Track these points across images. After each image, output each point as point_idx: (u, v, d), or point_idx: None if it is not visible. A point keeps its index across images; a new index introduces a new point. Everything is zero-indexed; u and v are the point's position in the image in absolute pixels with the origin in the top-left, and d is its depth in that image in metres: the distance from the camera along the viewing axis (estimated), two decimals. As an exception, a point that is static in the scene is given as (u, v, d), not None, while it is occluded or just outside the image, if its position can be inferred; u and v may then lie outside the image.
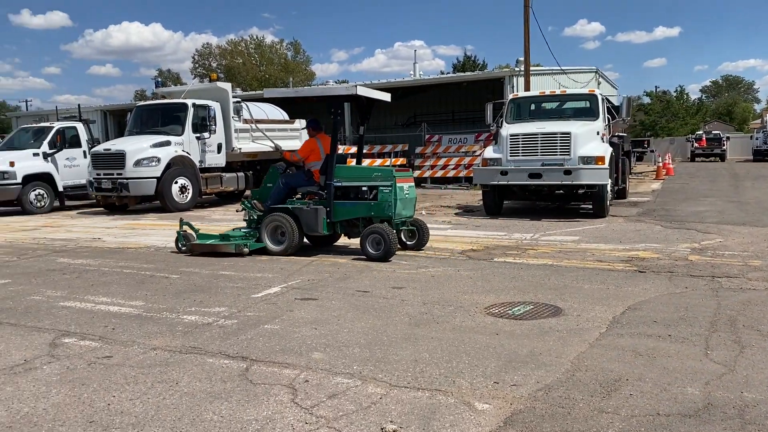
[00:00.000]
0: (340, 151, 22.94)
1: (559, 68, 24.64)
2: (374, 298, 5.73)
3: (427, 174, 21.58)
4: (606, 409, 3.29)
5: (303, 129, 19.23)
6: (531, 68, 20.69)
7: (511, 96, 14.09)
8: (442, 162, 21.45)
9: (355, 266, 7.30)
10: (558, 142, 11.45)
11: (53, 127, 16.70)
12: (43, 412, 3.40)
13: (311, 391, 3.59)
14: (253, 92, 29.80)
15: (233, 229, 9.05)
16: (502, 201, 12.70)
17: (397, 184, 8.04)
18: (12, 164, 15.36)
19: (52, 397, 3.60)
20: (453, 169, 21.12)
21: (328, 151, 8.43)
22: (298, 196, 8.58)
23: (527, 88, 19.80)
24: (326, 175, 8.28)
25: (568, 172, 11.28)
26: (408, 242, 8.54)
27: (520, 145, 11.72)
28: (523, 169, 11.60)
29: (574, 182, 11.38)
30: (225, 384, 3.73)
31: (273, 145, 17.96)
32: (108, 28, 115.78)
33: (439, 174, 21.34)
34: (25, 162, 15.64)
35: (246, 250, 8.21)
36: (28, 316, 5.42)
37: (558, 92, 14.46)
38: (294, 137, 19.05)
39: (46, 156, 16.06)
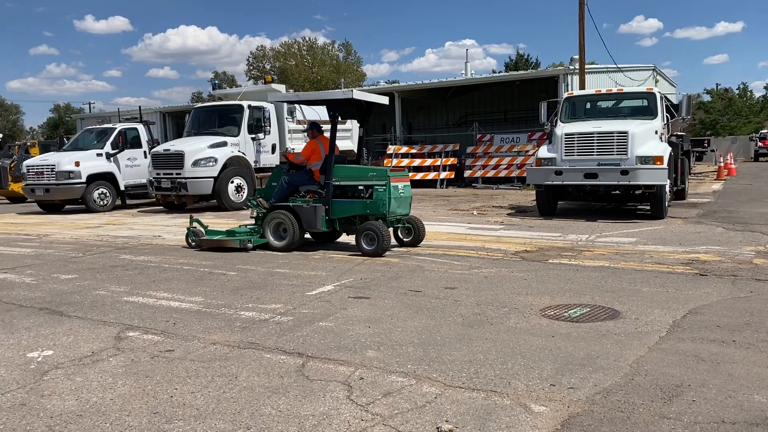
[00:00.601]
0: (391, 151, 23.06)
1: (615, 66, 24.06)
2: (427, 298, 5.73)
3: (478, 174, 21.44)
4: (667, 414, 3.21)
5: (351, 129, 19.43)
6: (586, 66, 20.28)
7: (566, 94, 13.84)
8: (493, 162, 21.26)
9: (407, 266, 7.32)
10: (615, 141, 11.19)
11: (116, 128, 17.33)
12: (110, 403, 3.54)
13: (366, 388, 3.62)
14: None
15: (239, 226, 9.53)
16: (556, 201, 12.50)
17: (392, 184, 8.38)
18: (77, 164, 16.02)
19: (118, 388, 3.75)
20: (505, 168, 20.91)
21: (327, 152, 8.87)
22: (301, 194, 9.01)
23: (582, 86, 19.43)
24: (325, 174, 8.70)
25: (625, 173, 11.01)
26: (405, 239, 8.95)
27: (576, 145, 11.51)
28: (578, 169, 11.39)
29: (631, 183, 11.10)
30: (282, 379, 3.80)
31: (325, 146, 18.26)
32: (166, 32, 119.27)
33: (491, 174, 21.17)
34: (90, 162, 16.29)
35: (250, 245, 8.79)
36: (94, 310, 5.65)
37: (615, 90, 14.14)
38: (345, 137, 19.20)
39: (108, 156, 16.69)
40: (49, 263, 8.24)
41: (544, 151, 12.15)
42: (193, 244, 9.22)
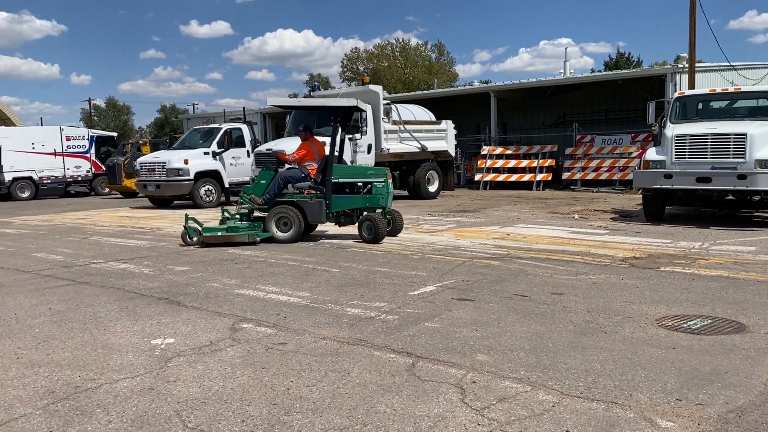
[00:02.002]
0: (485, 152, 22.74)
1: (727, 64, 22.60)
2: (534, 303, 5.59)
3: (577, 176, 20.79)
4: (814, 440, 2.95)
5: (446, 130, 19.33)
6: (696, 65, 19.17)
7: (676, 94, 13.12)
8: (594, 164, 20.54)
9: (509, 269, 7.18)
10: (731, 143, 10.50)
11: (221, 128, 18.12)
12: (231, 392, 3.68)
13: (480, 392, 3.57)
14: (397, 95, 30.39)
15: (227, 220, 9.94)
16: (664, 206, 11.88)
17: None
18: (186, 162, 16.89)
19: (237, 378, 3.89)
20: (606, 171, 20.15)
21: (321, 153, 10.08)
22: (292, 191, 9.81)
23: (691, 86, 18.37)
24: (324, 173, 9.70)
25: (742, 177, 10.30)
26: (386, 228, 9.83)
27: (687, 147, 10.89)
28: (689, 172, 10.76)
29: (749, 188, 10.36)
30: (394, 378, 3.82)
31: (419, 146, 18.28)
32: (264, 35, 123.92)
33: (591, 176, 20.46)
34: (197, 160, 17.13)
35: (258, 239, 9.34)
36: (209, 301, 5.91)
37: (731, 90, 13.25)
38: (440, 138, 19.19)
39: (214, 155, 17.48)
40: (164, 255, 8.71)
41: (652, 154, 11.59)
42: (195, 241, 9.42)
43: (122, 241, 10.34)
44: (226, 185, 17.63)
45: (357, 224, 9.70)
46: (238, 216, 9.97)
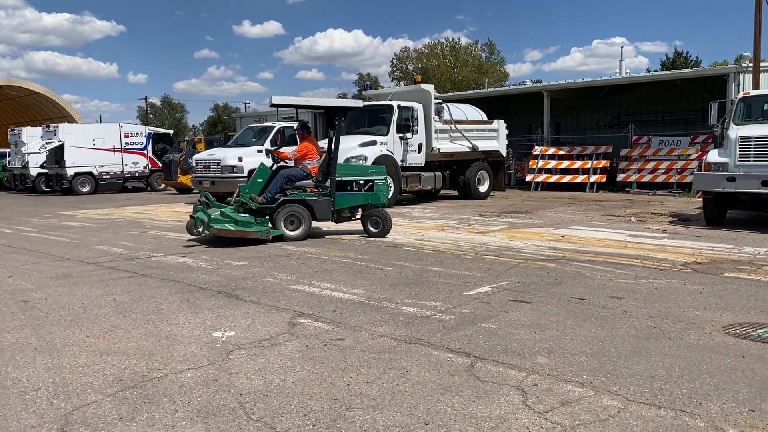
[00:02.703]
0: (537, 152, 22.43)
1: (795, 63, 21.62)
2: (593, 307, 5.48)
3: (632, 178, 20.27)
4: None
5: (497, 130, 19.12)
6: (760, 64, 18.42)
7: (741, 94, 12.66)
8: (650, 165, 19.98)
9: (566, 272, 7.05)
10: (801, 146, 10.06)
11: (274, 126, 18.40)
12: (291, 385, 3.73)
13: (542, 395, 3.52)
14: (447, 94, 30.22)
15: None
16: (726, 210, 11.47)
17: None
18: (240, 159, 17.21)
19: (297, 372, 3.94)
20: (663, 173, 19.57)
21: (319, 151, 10.32)
22: (293, 190, 9.85)
23: (755, 86, 17.67)
24: (328, 171, 9.92)
25: (811, 181, 9.86)
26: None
27: (753, 149, 10.49)
28: (754, 175, 10.36)
29: (819, 192, 9.91)
30: (453, 378, 3.80)
31: (470, 146, 18.14)
32: (315, 35, 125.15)
33: (647, 178, 19.91)
34: (251, 158, 17.41)
35: (269, 236, 9.28)
36: (266, 296, 6.01)
37: (800, 89, 12.70)
38: (491, 138, 19.00)
39: (268, 152, 17.68)
40: (220, 250, 8.89)
41: (714, 156, 11.20)
42: (204, 233, 9.33)
43: (179, 236, 10.60)
44: (278, 182, 17.88)
45: (362, 219, 10.18)
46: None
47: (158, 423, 3.23)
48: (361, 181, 10.27)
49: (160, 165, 25.34)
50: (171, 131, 32.52)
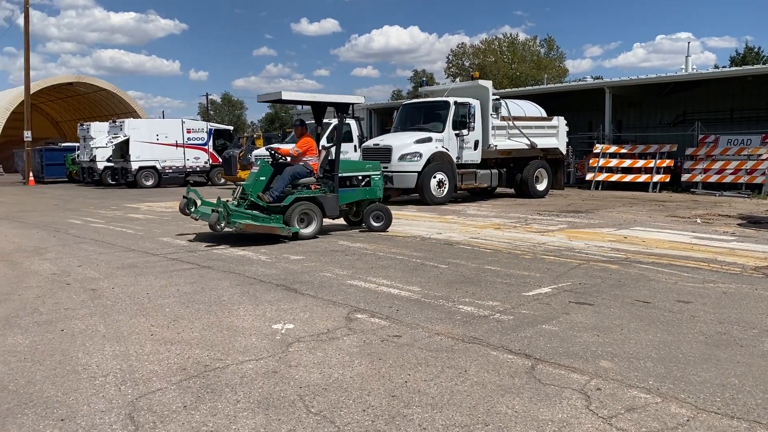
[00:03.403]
0: (598, 150, 21.87)
1: None
2: (658, 311, 5.29)
3: (698, 178, 19.52)
4: None
5: (557, 127, 18.73)
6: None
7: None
8: (717, 165, 19.19)
9: (629, 274, 6.84)
10: None
11: (331, 123, 18.53)
12: (350, 380, 3.74)
13: (606, 400, 3.41)
14: (505, 90, 29.74)
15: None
16: (801, 213, 10.90)
17: None
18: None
19: (355, 367, 3.95)
20: (731, 173, 18.76)
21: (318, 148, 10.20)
22: (300, 187, 9.71)
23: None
24: (331, 167, 9.97)
25: None
26: (353, 219, 10.84)
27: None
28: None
29: None
30: (513, 379, 3.73)
31: (528, 143, 17.84)
32: (371, 32, 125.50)
33: (713, 179, 19.13)
34: (307, 153, 17.62)
35: (291, 233, 9.12)
36: (324, 290, 6.06)
37: None
38: (551, 135, 18.65)
39: (324, 149, 17.89)
40: (279, 244, 9.02)
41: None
42: (230, 229, 8.69)
43: (238, 229, 10.80)
44: (334, 178, 18.03)
45: (363, 215, 10.41)
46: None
47: (220, 413, 3.29)
48: (360, 177, 10.55)
49: (221, 160, 25.95)
50: (231, 127, 33.24)
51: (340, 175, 10.05)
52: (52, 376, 3.84)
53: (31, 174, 29.78)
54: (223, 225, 8.64)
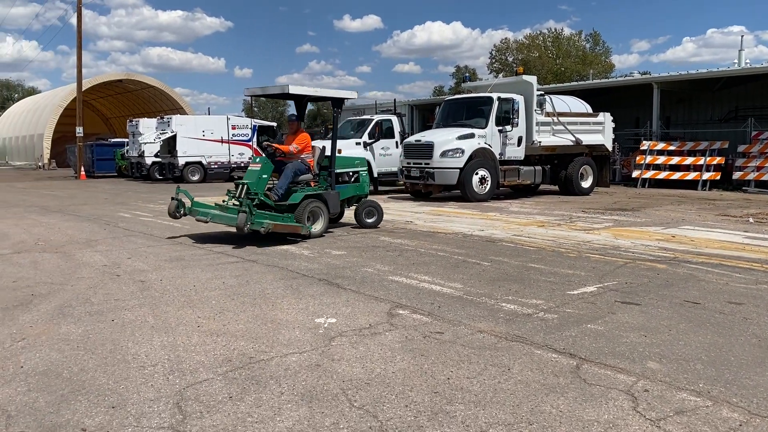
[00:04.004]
0: (645, 147, 21.29)
1: None
2: (708, 312, 5.14)
3: (750, 176, 18.89)
4: None
5: (603, 123, 18.33)
6: None
7: None
8: (771, 163, 18.51)
9: (677, 274, 6.67)
10: None
11: (373, 119, 18.60)
12: (392, 375, 3.75)
13: (654, 402, 3.34)
14: (549, 86, 29.27)
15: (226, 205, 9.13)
16: None
17: None
18: (339, 152, 17.50)
19: (397, 363, 3.96)
20: (786, 172, 18.08)
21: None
22: (301, 185, 9.51)
23: None
24: (330, 164, 9.90)
25: None
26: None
27: None
28: None
29: None
30: (558, 378, 3.68)
31: (573, 139, 17.53)
32: (413, 28, 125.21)
33: (767, 177, 18.46)
34: (350, 150, 17.67)
35: (309, 232, 9.03)
36: (365, 285, 6.08)
37: None
38: (596, 131, 18.28)
39: (365, 145, 17.99)
40: (320, 239, 9.10)
41: None
42: (260, 229, 8.18)
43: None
44: (375, 174, 18.07)
45: (355, 211, 10.35)
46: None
47: (265, 404, 3.34)
48: (351, 173, 10.54)
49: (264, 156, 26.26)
50: (275, 124, 33.64)
51: (337, 171, 10.04)
52: (103, 365, 3.96)
53: (82, 168, 30.71)
54: (249, 225, 8.19)
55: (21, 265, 7.34)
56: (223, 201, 9.29)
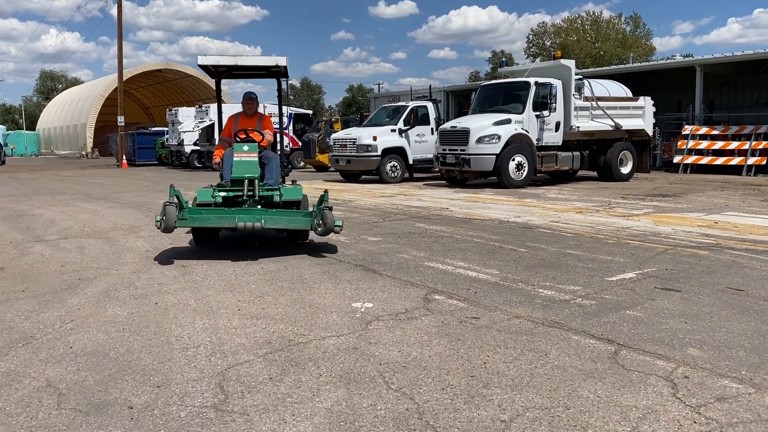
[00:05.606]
0: (687, 131, 20.79)
1: None
2: (752, 299, 5.03)
3: (797, 162, 18.25)
4: None
5: (643, 107, 17.91)
6: None
7: None
8: (820, 148, 17.87)
9: (720, 260, 6.53)
10: None
11: (408, 106, 18.55)
12: (428, 359, 3.78)
13: (694, 389, 3.30)
14: (587, 70, 28.68)
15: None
16: None
17: None
18: (375, 138, 17.57)
19: (433, 347, 3.99)
20: (836, 156, 17.44)
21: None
22: None
23: None
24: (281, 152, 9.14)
25: None
26: None
27: None
28: None
29: None
30: (595, 364, 3.66)
31: (612, 124, 17.21)
32: (449, 13, 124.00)
33: (816, 162, 17.85)
34: (385, 137, 17.74)
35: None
36: (401, 271, 6.12)
37: None
38: (636, 116, 17.93)
39: (401, 132, 17.97)
40: (357, 225, 9.17)
41: None
42: (336, 228, 6.93)
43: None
44: (410, 161, 18.06)
45: None
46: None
47: (304, 386, 3.41)
48: None
49: (300, 144, 26.49)
50: (310, 111, 33.83)
51: None
52: (148, 346, 4.09)
53: (124, 157, 31.44)
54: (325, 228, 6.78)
55: (68, 251, 7.59)
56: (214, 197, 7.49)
